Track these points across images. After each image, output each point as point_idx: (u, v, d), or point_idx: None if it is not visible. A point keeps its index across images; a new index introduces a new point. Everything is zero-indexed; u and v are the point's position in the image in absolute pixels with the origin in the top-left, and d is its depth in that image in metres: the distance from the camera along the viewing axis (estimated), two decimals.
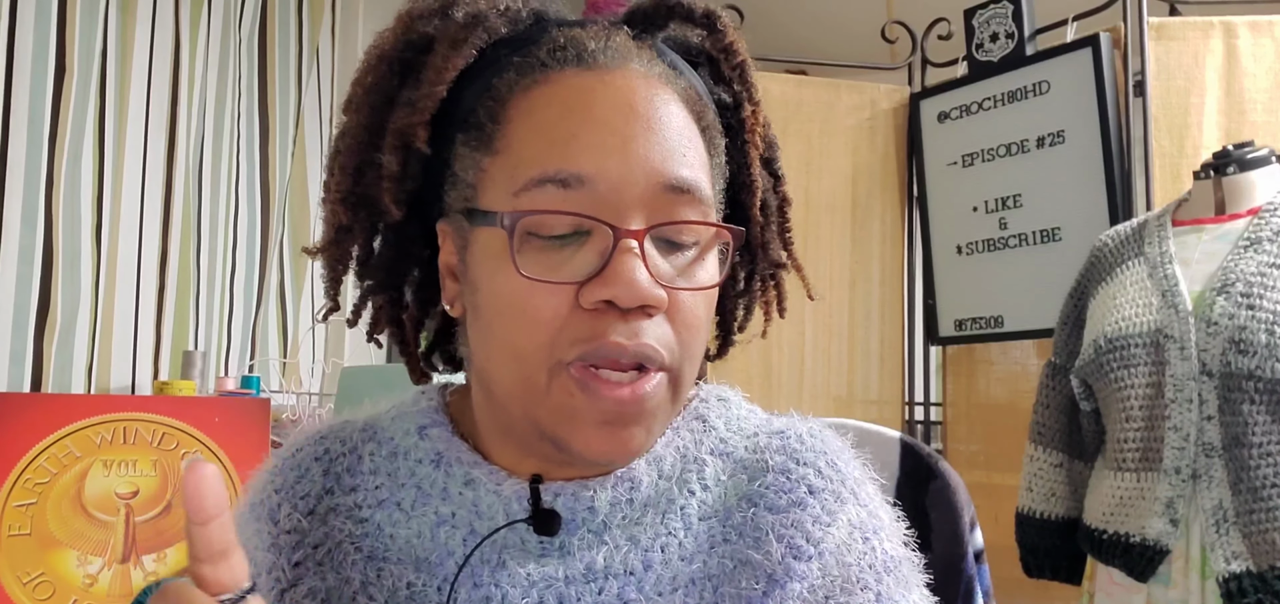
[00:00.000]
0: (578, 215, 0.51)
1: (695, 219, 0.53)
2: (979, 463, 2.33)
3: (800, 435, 0.60)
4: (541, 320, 0.51)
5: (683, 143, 0.54)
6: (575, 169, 0.51)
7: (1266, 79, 2.01)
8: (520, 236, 0.51)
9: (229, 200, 2.43)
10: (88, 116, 2.02)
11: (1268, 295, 1.29)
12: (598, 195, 0.51)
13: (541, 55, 0.55)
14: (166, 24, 2.22)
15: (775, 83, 2.51)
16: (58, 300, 1.94)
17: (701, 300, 0.54)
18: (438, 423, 0.60)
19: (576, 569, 0.54)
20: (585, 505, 0.55)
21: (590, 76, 0.54)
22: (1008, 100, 2.27)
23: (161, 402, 1.71)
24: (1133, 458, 1.40)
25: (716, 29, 0.60)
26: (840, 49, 3.10)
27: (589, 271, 0.50)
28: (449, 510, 0.57)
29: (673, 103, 0.55)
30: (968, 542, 0.71)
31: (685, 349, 0.53)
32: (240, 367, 2.46)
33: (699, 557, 0.56)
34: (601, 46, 0.55)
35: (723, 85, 0.61)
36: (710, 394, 0.64)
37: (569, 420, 0.52)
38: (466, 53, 0.54)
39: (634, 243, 0.50)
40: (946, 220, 2.40)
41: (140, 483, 1.62)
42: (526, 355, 0.52)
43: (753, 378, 2.43)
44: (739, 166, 0.62)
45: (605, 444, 0.52)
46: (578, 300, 0.51)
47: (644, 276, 0.50)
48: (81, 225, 2.00)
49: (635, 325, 0.51)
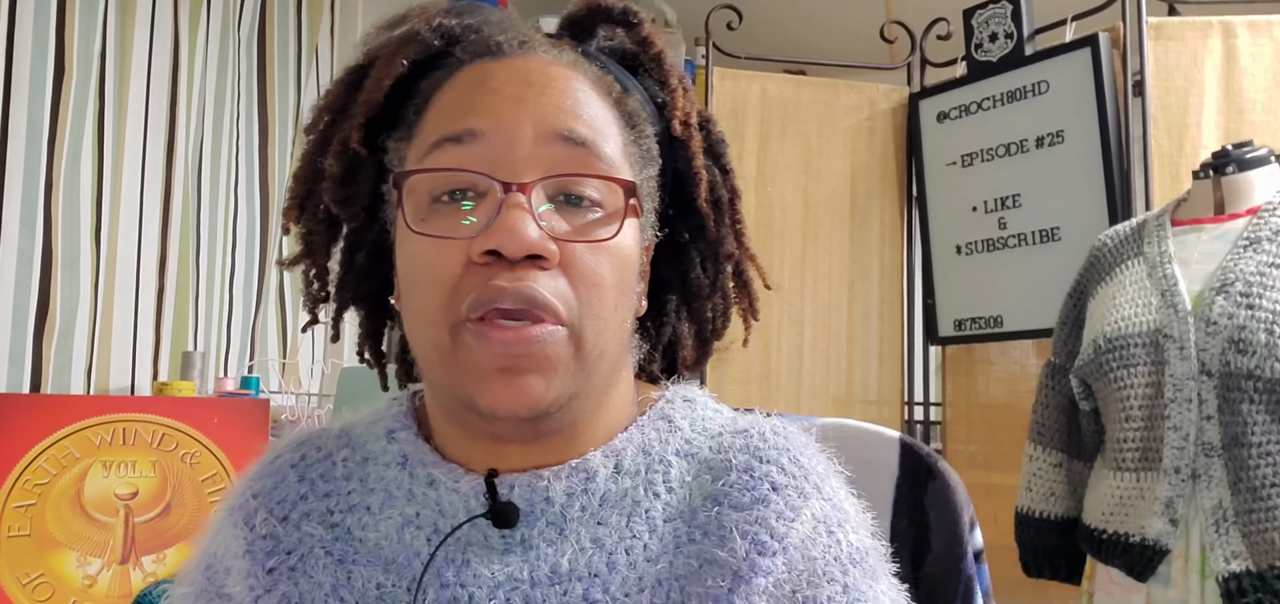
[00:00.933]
0: (468, 171, 0.54)
1: (590, 172, 0.55)
2: (978, 463, 2.33)
3: (763, 433, 0.60)
4: (439, 277, 0.53)
5: (579, 105, 0.56)
6: (468, 126, 0.54)
7: (1265, 79, 2.01)
8: (423, 205, 0.55)
9: (228, 201, 2.43)
10: (87, 118, 2.02)
11: (1267, 295, 1.29)
12: (491, 152, 0.54)
13: (458, 53, 0.60)
14: (165, 25, 2.22)
15: (774, 83, 2.51)
16: (57, 301, 1.94)
17: (605, 258, 0.55)
18: (405, 426, 0.62)
19: (542, 571, 0.55)
20: (541, 496, 0.56)
21: (494, 61, 0.58)
22: (1007, 100, 2.27)
23: (161, 402, 1.71)
24: (1132, 458, 1.40)
25: (632, 24, 0.63)
26: (839, 49, 3.10)
27: (481, 227, 0.53)
28: (413, 511, 0.58)
29: (575, 79, 0.58)
30: (967, 541, 0.71)
31: (586, 306, 0.54)
32: (240, 367, 2.46)
33: (664, 558, 0.56)
34: (510, 39, 0.59)
35: (657, 86, 0.64)
36: (676, 395, 0.64)
37: (473, 377, 0.53)
38: (398, 64, 0.59)
39: (521, 196, 0.52)
40: (946, 220, 2.40)
41: (140, 484, 1.62)
42: (431, 317, 0.54)
43: (752, 378, 2.43)
44: (684, 162, 0.63)
45: (504, 392, 0.52)
46: (470, 255, 0.53)
47: (529, 226, 0.52)
48: (81, 226, 2.00)
49: (522, 273, 0.52)
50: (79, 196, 2.00)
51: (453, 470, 0.58)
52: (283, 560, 0.58)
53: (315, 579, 0.57)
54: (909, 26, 2.54)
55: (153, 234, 2.18)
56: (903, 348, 2.51)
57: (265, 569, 0.58)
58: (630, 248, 0.57)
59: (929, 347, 2.50)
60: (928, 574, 0.70)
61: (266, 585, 0.57)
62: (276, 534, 0.59)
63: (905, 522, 0.71)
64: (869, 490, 0.65)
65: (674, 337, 0.69)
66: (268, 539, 0.59)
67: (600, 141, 0.56)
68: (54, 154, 1.94)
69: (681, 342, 0.70)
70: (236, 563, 0.59)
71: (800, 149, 2.48)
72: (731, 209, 0.67)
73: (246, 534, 0.59)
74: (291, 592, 0.57)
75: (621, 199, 0.56)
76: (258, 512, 0.60)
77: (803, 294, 2.47)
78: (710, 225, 0.65)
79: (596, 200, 0.55)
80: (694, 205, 0.64)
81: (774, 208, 2.46)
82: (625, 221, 0.56)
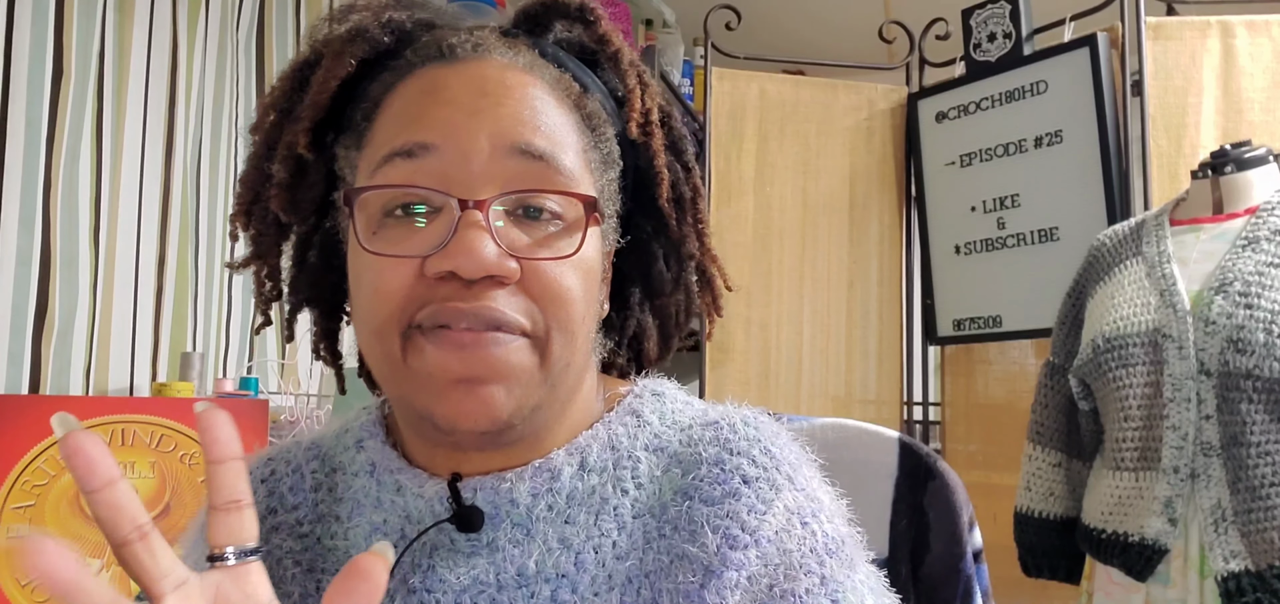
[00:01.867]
0: (422, 188, 0.52)
1: (549, 187, 0.53)
2: (977, 462, 2.33)
3: (733, 424, 0.58)
4: (388, 292, 0.52)
5: (537, 116, 0.54)
6: (421, 139, 0.52)
7: (1264, 78, 2.01)
8: (375, 218, 0.53)
9: (227, 202, 2.43)
10: (85, 119, 2.02)
11: (1265, 294, 1.29)
12: (444, 166, 0.52)
13: (408, 56, 0.57)
14: (164, 26, 2.22)
15: (772, 83, 2.51)
16: (56, 302, 1.94)
17: (567, 270, 0.53)
18: (373, 435, 0.61)
19: (509, 573, 0.54)
20: (506, 498, 0.55)
21: (446, 67, 0.56)
22: (1005, 100, 2.27)
23: (160, 403, 1.71)
24: (1131, 457, 1.40)
25: (589, 21, 0.61)
26: (838, 49, 3.10)
27: (437, 245, 0.51)
28: (381, 518, 0.58)
29: (532, 86, 0.56)
30: (966, 541, 0.71)
31: (552, 319, 0.53)
32: (239, 368, 2.46)
33: (634, 554, 0.55)
34: (462, 41, 0.57)
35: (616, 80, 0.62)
36: (645, 389, 0.63)
37: (428, 388, 0.52)
38: (346, 63, 0.56)
39: (479, 214, 0.50)
40: (944, 220, 2.40)
41: (138, 485, 1.62)
42: (380, 330, 0.52)
43: (750, 378, 2.43)
44: (646, 160, 0.62)
45: (463, 403, 0.51)
46: (423, 271, 0.51)
47: (487, 247, 0.50)
48: (79, 227, 2.00)
49: (480, 293, 0.51)
50: (77, 197, 2.00)
51: (417, 476, 0.57)
52: None
53: (284, 589, 0.57)
54: (908, 26, 2.54)
55: (151, 234, 2.18)
56: (902, 348, 2.51)
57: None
58: (593, 257, 0.56)
59: (928, 346, 2.50)
60: (927, 574, 0.70)
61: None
62: None
63: (904, 522, 0.71)
64: (868, 491, 0.65)
65: (639, 330, 0.68)
66: None
67: (559, 153, 0.54)
68: (52, 154, 1.94)
69: (646, 334, 0.68)
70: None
71: (799, 149, 2.47)
72: (693, 208, 0.65)
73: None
74: None
75: (582, 211, 0.54)
76: None
77: (801, 294, 2.47)
78: (672, 225, 0.64)
79: (556, 212, 0.54)
80: (655, 204, 0.62)
81: (773, 208, 2.46)
82: (587, 233, 0.54)
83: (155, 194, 2.19)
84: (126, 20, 2.12)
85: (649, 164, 0.61)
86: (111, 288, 2.08)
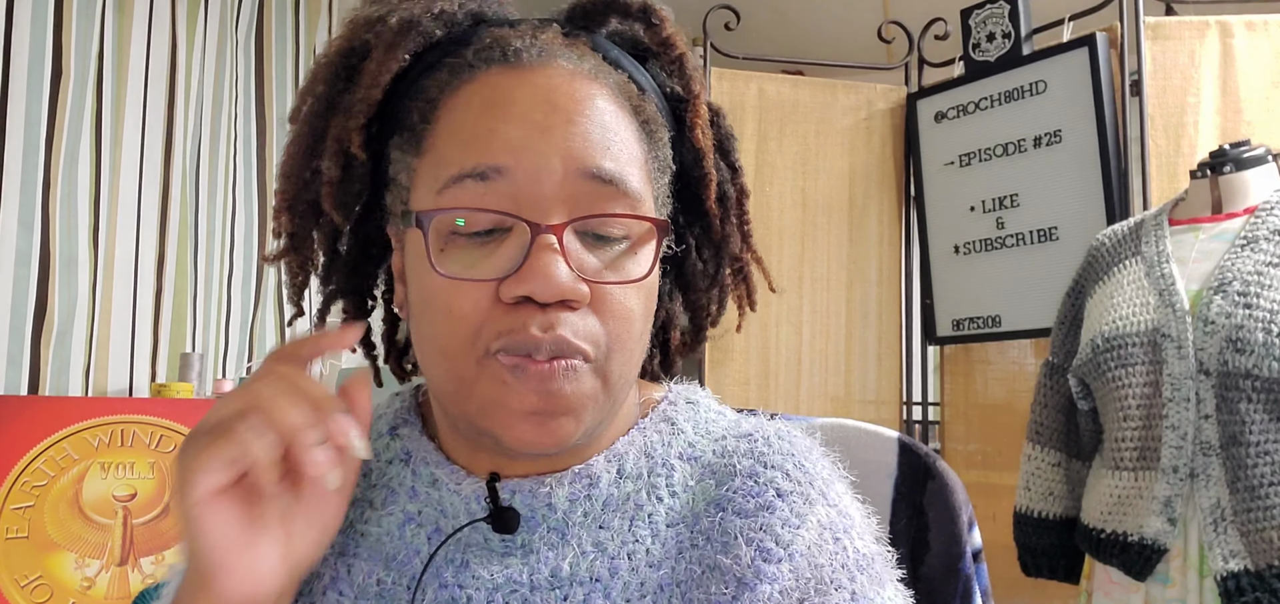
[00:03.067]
0: (494, 212, 0.52)
1: (620, 211, 0.53)
2: (977, 462, 2.33)
3: (767, 437, 0.59)
4: (462, 317, 0.51)
5: (607, 135, 0.54)
6: (493, 162, 0.51)
7: (1262, 78, 2.01)
8: (443, 235, 0.52)
9: (226, 202, 2.43)
10: (84, 119, 2.02)
11: (1265, 294, 1.29)
12: (517, 188, 0.51)
13: (469, 57, 0.55)
14: (163, 26, 2.22)
15: (771, 83, 2.51)
16: (55, 303, 1.94)
17: (632, 293, 0.54)
18: (408, 422, 0.61)
19: (542, 575, 0.54)
20: (543, 502, 0.55)
21: (512, 74, 0.54)
22: (1004, 100, 2.28)
23: (159, 404, 1.71)
24: (1130, 457, 1.40)
25: (653, 22, 0.60)
26: (837, 49, 3.10)
27: (509, 267, 0.51)
28: (416, 509, 0.58)
29: (600, 97, 0.55)
30: (966, 541, 0.71)
31: (614, 341, 0.53)
32: (238, 368, 2.46)
33: (666, 563, 0.55)
34: (526, 44, 0.55)
35: (673, 83, 0.61)
36: (679, 396, 0.63)
37: (497, 412, 0.52)
38: (399, 57, 0.55)
39: (552, 238, 0.51)
40: (944, 220, 2.40)
41: (138, 485, 1.62)
42: (451, 352, 0.52)
43: (750, 378, 2.43)
44: (693, 159, 0.62)
45: (534, 434, 0.52)
46: (498, 295, 0.51)
47: (562, 271, 0.50)
48: (78, 228, 2.00)
49: (553, 318, 0.51)
50: (77, 198, 2.00)
51: (455, 472, 0.57)
52: None
53: (315, 571, 0.57)
54: (907, 27, 2.55)
55: (150, 235, 2.18)
56: (901, 348, 2.51)
57: None
58: (655, 277, 0.56)
59: (927, 346, 2.50)
60: (926, 574, 0.70)
61: None
62: None
63: (904, 521, 0.71)
64: (867, 490, 0.65)
65: (667, 322, 0.68)
66: None
67: (627, 174, 0.54)
68: (52, 155, 1.94)
69: (674, 327, 0.68)
70: None
71: (798, 149, 2.48)
72: (738, 208, 0.66)
73: None
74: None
75: (651, 232, 0.55)
76: None
77: (801, 294, 2.47)
78: (716, 224, 0.64)
79: (624, 233, 0.54)
80: (700, 203, 0.63)
81: (772, 208, 2.46)
82: (656, 256, 0.54)
83: (154, 194, 2.19)
84: (126, 20, 2.12)
85: (696, 164, 0.62)
86: (111, 288, 2.08)
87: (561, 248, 0.51)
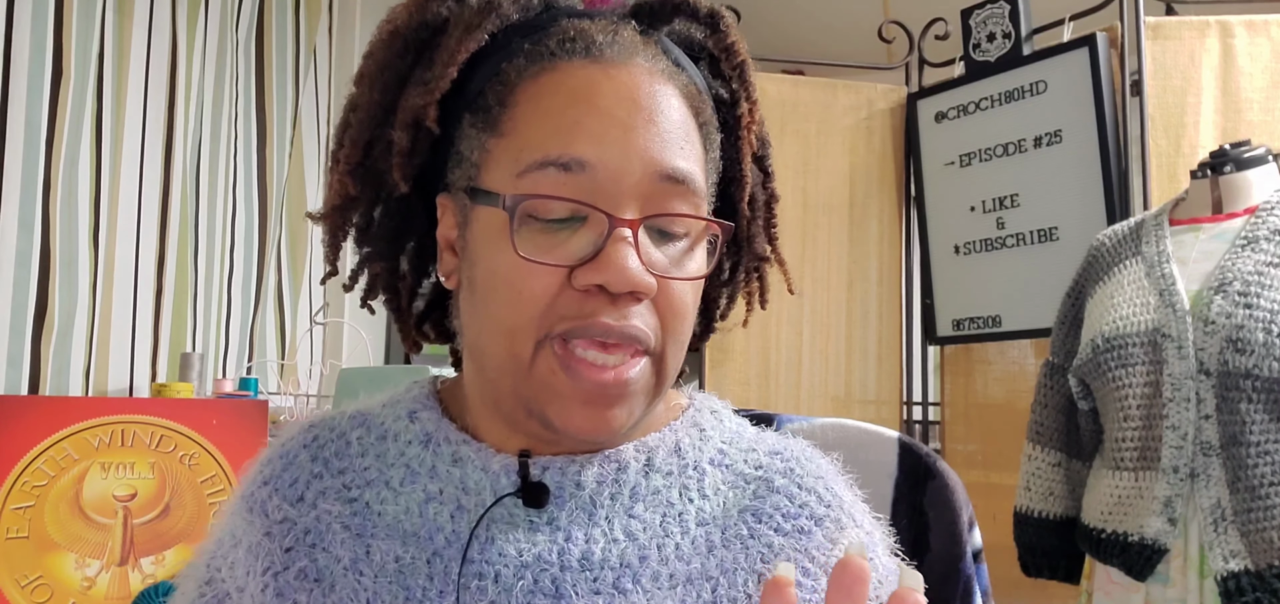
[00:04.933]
0: (576, 202, 0.53)
1: (688, 212, 0.56)
2: (977, 462, 2.33)
3: (798, 457, 0.62)
4: (532, 297, 0.53)
5: (681, 137, 0.56)
6: (577, 154, 0.53)
7: (1263, 78, 2.01)
8: (520, 217, 0.53)
9: (226, 202, 2.43)
10: (85, 119, 2.02)
11: (1265, 294, 1.29)
12: (596, 182, 0.53)
13: (551, 45, 0.57)
14: (163, 26, 2.22)
15: (772, 83, 2.51)
16: (55, 303, 1.94)
17: (689, 289, 0.57)
18: (428, 407, 0.62)
19: (573, 557, 0.55)
20: (572, 480, 0.57)
21: (597, 68, 0.56)
22: (1005, 100, 2.28)
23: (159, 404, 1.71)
24: (1131, 457, 1.40)
25: (719, 28, 0.62)
26: (837, 49, 3.10)
27: (583, 255, 0.53)
28: (437, 488, 0.59)
29: (674, 97, 0.57)
30: (966, 541, 0.71)
31: (670, 334, 0.56)
32: (238, 368, 2.46)
33: (697, 558, 0.57)
34: (609, 40, 0.57)
35: (721, 82, 0.63)
36: (703, 405, 0.65)
37: (553, 396, 0.54)
38: (479, 37, 0.56)
39: (628, 231, 0.52)
40: (944, 220, 2.40)
41: (138, 485, 1.62)
42: (516, 331, 0.54)
43: (751, 378, 2.43)
44: (731, 161, 0.64)
45: (588, 422, 0.54)
46: (570, 282, 0.53)
47: (636, 264, 0.52)
48: (79, 228, 2.00)
49: (624, 309, 0.53)
50: (77, 198, 2.00)
51: (482, 450, 0.58)
52: (300, 539, 0.58)
53: (334, 553, 0.57)
54: (907, 26, 2.55)
55: (151, 235, 2.18)
56: (901, 348, 2.51)
57: (283, 549, 0.58)
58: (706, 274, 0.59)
59: (927, 346, 2.50)
60: (926, 574, 0.69)
61: (284, 563, 0.58)
62: (290, 516, 0.59)
63: (904, 521, 0.71)
64: (868, 490, 0.65)
65: None
66: (284, 522, 0.59)
67: (695, 176, 0.56)
68: (52, 155, 1.94)
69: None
70: (253, 545, 0.59)
71: (798, 149, 2.48)
72: (767, 211, 0.68)
73: (262, 521, 0.59)
74: (309, 567, 0.57)
75: (712, 233, 0.57)
76: (271, 499, 0.60)
77: (801, 294, 2.47)
78: (744, 224, 0.66)
79: (686, 231, 0.56)
80: (728, 200, 0.64)
81: None
82: (716, 256, 0.58)
83: (155, 195, 2.19)
84: (126, 20, 2.12)
85: (734, 165, 0.63)
86: (111, 288, 2.08)
87: (635, 242, 0.53)
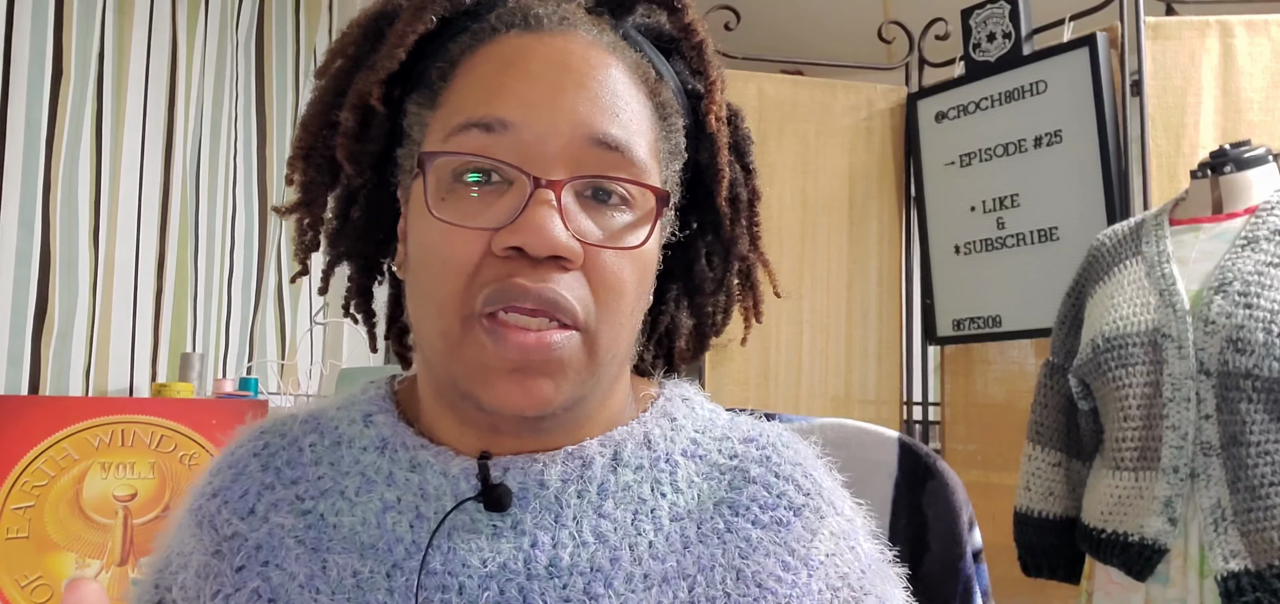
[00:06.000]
0: (495, 161, 0.52)
1: (622, 176, 0.53)
2: (977, 462, 2.33)
3: (774, 444, 0.60)
4: (455, 265, 0.51)
5: (617, 103, 0.54)
6: (500, 115, 0.52)
7: (1263, 78, 2.01)
8: (444, 183, 0.53)
9: (226, 202, 2.43)
10: (85, 119, 2.02)
11: (1265, 294, 1.29)
12: (521, 143, 0.52)
13: (492, 20, 0.56)
14: (163, 26, 2.22)
15: (771, 83, 2.51)
16: (55, 303, 1.94)
17: (627, 263, 0.53)
18: (383, 410, 0.60)
19: (539, 563, 0.53)
20: (535, 479, 0.55)
21: (532, 37, 0.55)
22: (1005, 100, 2.28)
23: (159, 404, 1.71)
24: (1131, 457, 1.40)
25: (676, 8, 0.60)
26: (837, 49, 3.10)
27: (505, 219, 0.51)
28: (394, 496, 0.56)
29: (615, 68, 0.55)
30: (966, 541, 0.71)
31: (604, 310, 0.53)
32: (238, 368, 2.46)
33: (672, 556, 0.55)
34: (549, 12, 0.56)
35: (696, 77, 0.61)
36: (674, 394, 0.63)
37: (480, 372, 0.52)
38: (426, 20, 0.56)
39: (551, 193, 0.51)
40: (944, 220, 2.40)
41: (138, 485, 1.62)
42: (443, 304, 0.52)
43: (750, 378, 2.43)
44: (708, 154, 0.62)
45: (513, 393, 0.51)
46: (491, 247, 0.51)
47: (557, 225, 0.50)
48: (79, 228, 2.00)
49: (544, 272, 0.51)
50: (77, 198, 2.00)
51: (441, 453, 0.56)
52: (252, 556, 0.55)
53: (288, 570, 0.54)
54: (907, 26, 2.55)
55: (151, 235, 2.18)
56: (901, 348, 2.51)
57: (234, 568, 0.55)
58: (652, 251, 0.56)
59: (927, 346, 2.50)
60: (926, 574, 0.70)
61: (236, 584, 0.54)
62: (242, 532, 0.56)
63: (904, 521, 0.71)
64: (867, 490, 0.65)
65: (671, 326, 0.67)
66: (234, 538, 0.56)
67: (634, 144, 0.54)
68: (52, 155, 1.94)
69: (678, 332, 0.67)
70: (200, 563, 0.56)
71: (798, 149, 2.48)
72: (750, 209, 0.66)
73: (211, 537, 0.56)
74: (262, 587, 0.54)
75: (652, 203, 0.54)
76: (220, 512, 0.57)
77: (801, 294, 2.47)
78: (726, 223, 0.64)
79: (625, 198, 0.54)
80: (712, 202, 0.62)
81: (772, 208, 2.46)
82: (654, 227, 0.54)
83: (155, 195, 2.19)
84: (126, 20, 2.12)
85: (711, 161, 0.62)
86: (111, 288, 2.08)
87: (559, 205, 0.51)
